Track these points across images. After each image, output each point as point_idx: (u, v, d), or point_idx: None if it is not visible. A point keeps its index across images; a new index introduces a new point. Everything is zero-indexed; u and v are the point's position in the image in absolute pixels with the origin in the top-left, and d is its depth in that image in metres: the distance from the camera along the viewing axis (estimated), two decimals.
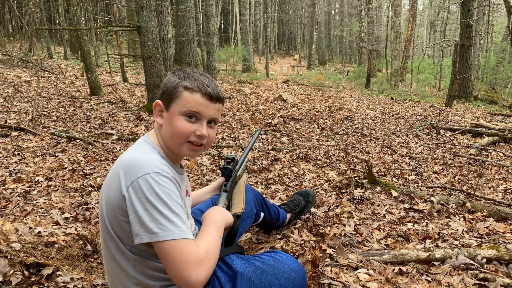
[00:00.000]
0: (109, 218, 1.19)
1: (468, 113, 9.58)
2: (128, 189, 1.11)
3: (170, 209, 1.10)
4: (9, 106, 6.30)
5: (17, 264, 1.85)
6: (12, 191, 2.98)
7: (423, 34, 42.20)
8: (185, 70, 1.30)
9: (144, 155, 1.19)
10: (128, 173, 1.12)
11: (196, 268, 1.09)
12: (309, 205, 2.58)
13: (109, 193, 1.18)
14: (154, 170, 1.12)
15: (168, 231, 1.08)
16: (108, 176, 1.24)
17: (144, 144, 1.27)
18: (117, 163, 1.21)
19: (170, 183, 1.14)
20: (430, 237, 2.39)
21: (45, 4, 21.57)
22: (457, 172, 4.15)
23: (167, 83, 1.30)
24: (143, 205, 1.09)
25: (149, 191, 1.09)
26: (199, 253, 1.12)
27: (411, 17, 21.36)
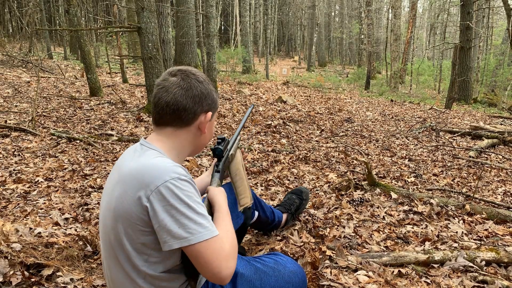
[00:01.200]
0: (124, 231, 1.15)
1: (467, 115, 9.59)
2: (149, 199, 1.08)
3: (196, 212, 1.10)
4: (9, 107, 6.30)
5: (17, 265, 1.85)
6: (12, 192, 2.98)
7: (422, 36, 42.27)
8: (200, 74, 1.31)
9: (157, 161, 1.15)
10: (145, 183, 1.10)
11: (227, 262, 1.13)
12: (304, 202, 2.60)
13: (123, 206, 1.13)
14: (172, 175, 1.10)
15: (197, 233, 1.09)
16: (115, 188, 1.18)
17: (149, 151, 1.21)
18: (125, 174, 1.16)
19: (189, 185, 1.13)
20: (429, 239, 2.39)
21: (45, 5, 21.58)
22: (457, 174, 4.16)
23: (214, 95, 1.32)
24: (168, 212, 1.08)
25: (173, 198, 1.08)
26: (226, 248, 1.16)
27: (411, 19, 21.39)
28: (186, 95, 1.24)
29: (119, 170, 1.21)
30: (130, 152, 1.26)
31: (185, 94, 1.24)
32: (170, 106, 1.22)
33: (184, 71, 1.28)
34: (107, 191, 1.25)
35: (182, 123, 1.26)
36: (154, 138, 1.28)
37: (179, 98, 1.23)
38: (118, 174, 1.21)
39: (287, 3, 43.78)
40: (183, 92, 1.24)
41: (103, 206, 1.25)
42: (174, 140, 1.28)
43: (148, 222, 1.11)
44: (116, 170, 1.25)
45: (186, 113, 1.25)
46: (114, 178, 1.22)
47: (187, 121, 1.26)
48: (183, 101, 1.23)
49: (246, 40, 21.16)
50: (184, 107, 1.24)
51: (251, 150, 4.73)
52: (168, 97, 1.23)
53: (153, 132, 1.31)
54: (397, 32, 20.82)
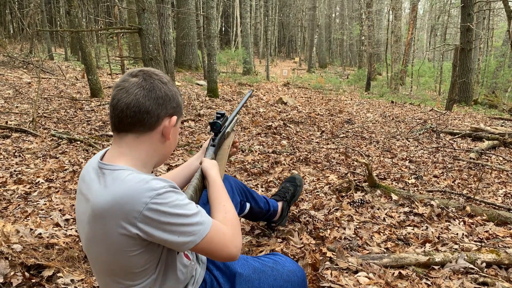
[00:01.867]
0: (116, 261, 1.11)
1: (468, 117, 9.59)
2: (137, 226, 1.03)
3: (187, 216, 1.07)
4: (10, 108, 6.31)
5: (18, 266, 1.85)
6: (13, 193, 2.99)
7: (423, 38, 42.27)
8: (163, 75, 1.22)
9: (129, 185, 1.04)
10: (126, 213, 1.02)
11: (232, 243, 1.17)
12: (298, 189, 2.60)
13: (110, 241, 1.07)
14: (151, 195, 1.02)
15: (198, 232, 1.09)
16: (93, 225, 1.09)
17: (114, 173, 1.09)
18: (100, 210, 1.05)
19: (170, 193, 1.06)
20: (430, 241, 2.39)
21: (46, 6, 21.62)
22: (457, 176, 4.16)
23: (179, 98, 1.23)
24: (162, 229, 1.04)
25: (161, 216, 1.03)
26: (228, 231, 1.18)
27: (412, 20, 21.42)
28: (149, 96, 1.12)
29: (90, 204, 1.09)
30: (93, 177, 1.14)
31: (148, 95, 1.12)
32: (131, 108, 1.10)
33: (146, 72, 1.17)
34: (83, 224, 1.16)
35: (144, 128, 1.14)
36: (115, 153, 1.16)
37: (141, 99, 1.11)
38: (90, 208, 1.09)
39: (288, 4, 43.82)
40: (146, 93, 1.12)
41: (85, 238, 1.17)
42: (137, 150, 1.16)
43: (140, 244, 1.07)
44: (85, 201, 1.14)
45: (149, 116, 1.13)
46: (86, 211, 1.12)
47: (150, 125, 1.15)
48: (145, 102, 1.11)
49: (246, 41, 21.17)
50: (147, 109, 1.12)
51: (252, 151, 4.73)
52: (128, 98, 1.10)
53: (113, 144, 1.18)
54: (397, 33, 20.83)
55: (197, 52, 17.08)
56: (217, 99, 9.38)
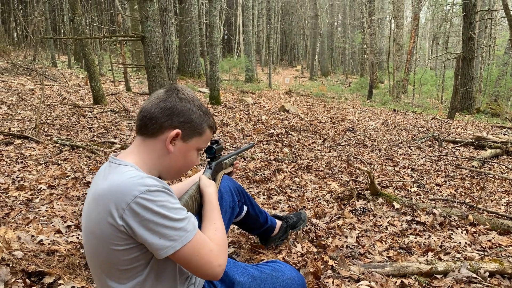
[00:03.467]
0: (106, 253, 1.14)
1: (470, 125, 9.58)
2: (123, 218, 1.06)
3: (173, 219, 1.09)
4: (13, 114, 6.34)
5: (19, 272, 1.85)
6: (15, 199, 2.99)
7: (425, 46, 42.37)
8: (200, 104, 1.30)
9: (125, 177, 1.10)
10: (116, 202, 1.07)
11: (217, 261, 1.16)
12: (301, 222, 2.54)
13: (100, 229, 1.11)
14: (141, 189, 1.06)
15: (179, 239, 1.09)
16: (90, 211, 1.15)
17: (119, 167, 1.17)
18: (97, 195, 1.12)
19: (161, 194, 1.09)
20: (432, 250, 2.38)
21: (51, 14, 21.81)
22: (460, 184, 4.14)
23: (193, 117, 1.27)
24: (145, 227, 1.06)
25: (146, 212, 1.06)
26: (215, 248, 1.18)
27: (413, 29, 21.48)
28: (158, 105, 1.22)
29: (92, 191, 1.18)
30: (101, 171, 1.23)
31: (158, 104, 1.22)
32: (142, 112, 1.23)
33: (175, 87, 1.27)
34: (84, 213, 1.22)
35: (147, 133, 1.23)
36: (128, 151, 1.25)
37: (150, 106, 1.22)
38: (92, 195, 1.17)
39: (290, 13, 44.06)
40: (157, 102, 1.23)
41: (83, 229, 1.22)
42: (142, 152, 1.24)
43: (127, 239, 1.09)
44: (90, 191, 1.22)
45: (151, 122, 1.21)
46: (88, 199, 1.19)
47: (153, 132, 1.22)
48: (152, 109, 1.21)
49: (249, 49, 21.27)
50: (151, 115, 1.21)
51: (254, 158, 4.73)
52: (145, 104, 1.25)
53: (131, 144, 1.30)
54: (399, 42, 20.89)
55: (199, 60, 17.16)
56: (219, 107, 9.40)
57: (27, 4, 24.48)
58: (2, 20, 19.73)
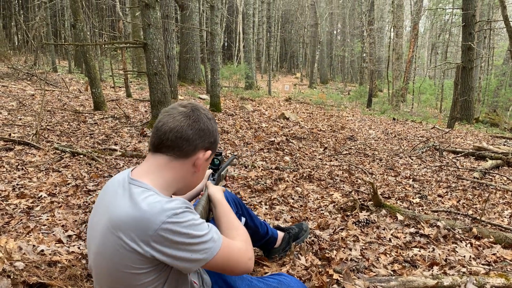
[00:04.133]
0: (124, 278, 1.13)
1: (470, 135, 9.59)
2: (150, 245, 1.06)
3: (200, 235, 1.11)
4: (13, 120, 6.32)
5: (20, 284, 1.82)
6: (15, 207, 2.96)
7: (424, 56, 42.59)
8: (209, 112, 1.32)
9: (148, 202, 1.08)
10: (142, 230, 1.05)
11: (247, 256, 1.24)
12: (303, 233, 2.52)
13: (120, 255, 1.09)
14: (168, 214, 1.06)
15: (210, 250, 1.13)
16: (107, 235, 1.11)
17: (137, 189, 1.14)
18: (118, 221, 1.09)
19: (186, 213, 1.10)
20: (437, 264, 2.36)
21: (52, 19, 21.85)
22: (462, 195, 4.13)
23: (217, 136, 1.31)
24: (176, 248, 1.08)
25: (175, 236, 1.07)
26: (241, 245, 1.25)
27: (413, 38, 21.60)
28: (192, 126, 1.21)
29: (108, 215, 1.13)
30: (117, 190, 1.18)
31: (191, 125, 1.21)
32: (174, 132, 1.19)
33: (195, 105, 1.28)
34: (95, 236, 1.18)
35: (180, 154, 1.21)
36: (144, 170, 1.22)
37: (184, 127, 1.20)
38: (107, 219, 1.13)
39: (290, 21, 44.28)
40: (190, 122, 1.21)
41: (94, 253, 1.18)
42: (166, 172, 1.21)
43: (147, 263, 1.09)
44: (103, 213, 1.17)
45: (187, 144, 1.21)
46: (103, 223, 1.14)
47: (186, 153, 1.22)
48: (188, 131, 1.20)
49: (249, 56, 21.34)
50: (188, 137, 1.20)
51: (255, 167, 4.72)
52: (173, 123, 1.20)
53: (146, 160, 1.24)
54: (398, 51, 20.98)
55: (200, 67, 17.19)
56: (219, 114, 9.40)
57: (28, 9, 24.54)
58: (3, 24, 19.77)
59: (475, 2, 13.60)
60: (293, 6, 38.74)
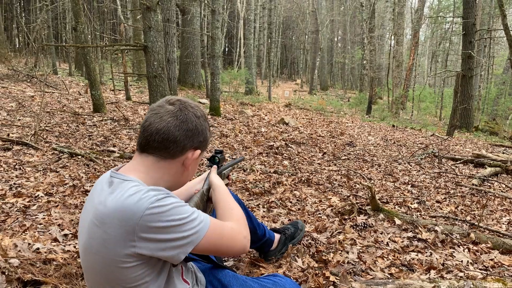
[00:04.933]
0: (113, 272, 1.11)
1: (469, 143, 9.60)
2: (136, 233, 1.04)
3: (185, 217, 1.09)
4: (12, 120, 6.31)
5: (15, 281, 1.81)
6: (12, 206, 2.95)
7: (424, 64, 42.75)
8: (198, 109, 1.27)
9: (131, 192, 1.08)
10: (127, 219, 1.04)
11: (241, 234, 1.23)
12: (299, 232, 2.52)
13: (107, 248, 1.08)
14: (150, 200, 1.05)
15: (197, 230, 1.11)
16: (93, 230, 1.11)
17: (124, 183, 1.13)
18: (102, 214, 1.08)
19: (168, 198, 1.09)
20: (434, 268, 2.35)
21: (53, 21, 21.94)
22: (460, 202, 4.12)
23: (207, 134, 1.28)
24: (163, 232, 1.06)
25: (160, 221, 1.05)
26: (234, 225, 1.23)
27: (413, 46, 21.69)
28: (180, 127, 1.18)
29: (94, 209, 1.13)
30: (103, 186, 1.17)
31: (179, 126, 1.18)
32: (160, 134, 1.16)
33: (183, 102, 1.23)
34: (83, 231, 1.17)
35: (167, 155, 1.19)
36: (130, 168, 1.21)
37: (171, 128, 1.16)
38: (93, 214, 1.12)
39: (291, 27, 44.48)
40: (178, 123, 1.18)
41: (83, 248, 1.17)
42: (153, 172, 1.20)
43: (138, 256, 1.07)
44: (90, 208, 1.17)
45: (175, 146, 1.18)
46: (89, 218, 1.14)
47: (173, 154, 1.20)
48: (176, 132, 1.17)
49: (249, 62, 21.40)
50: (175, 138, 1.17)
51: (253, 170, 4.71)
52: (160, 124, 1.16)
53: (133, 159, 1.23)
54: (399, 58, 21.09)
55: (200, 71, 17.23)
56: (219, 118, 9.40)
57: (30, 12, 24.64)
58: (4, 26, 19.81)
59: (475, 11, 13.68)
60: (294, 13, 38.92)
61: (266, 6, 26.07)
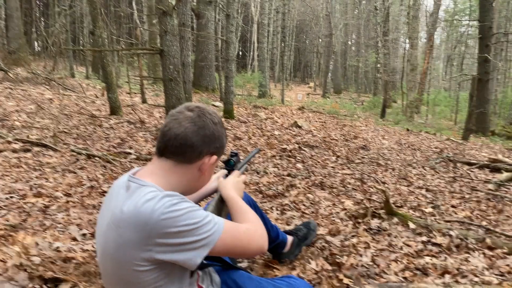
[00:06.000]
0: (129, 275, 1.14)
1: (485, 147, 9.47)
2: (152, 238, 1.07)
3: (199, 221, 1.11)
4: (32, 122, 6.46)
5: (36, 278, 1.87)
6: (32, 205, 3.03)
7: (439, 67, 42.29)
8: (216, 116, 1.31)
9: (147, 198, 1.10)
10: (142, 224, 1.07)
11: (257, 234, 1.25)
12: (311, 232, 2.54)
13: (123, 252, 1.11)
14: (166, 205, 1.08)
15: (212, 232, 1.13)
16: (109, 233, 1.14)
17: (141, 188, 1.16)
18: (119, 218, 1.11)
19: (183, 203, 1.12)
20: (449, 272, 2.34)
21: (71, 26, 22.34)
22: (475, 206, 4.08)
23: (224, 140, 1.31)
24: (178, 236, 1.08)
25: (175, 226, 1.08)
26: (249, 227, 1.25)
27: (428, 50, 21.49)
28: (197, 133, 1.22)
29: (111, 213, 1.16)
30: (120, 190, 1.21)
31: (197, 131, 1.22)
32: (178, 139, 1.20)
33: (202, 109, 1.27)
34: (100, 234, 1.21)
35: (184, 160, 1.23)
36: (148, 172, 1.24)
37: (189, 134, 1.20)
38: (109, 217, 1.16)
39: (305, 31, 44.48)
40: (195, 129, 1.22)
41: (100, 251, 1.21)
42: (171, 176, 1.23)
43: (153, 260, 1.10)
44: (107, 211, 1.20)
45: (192, 150, 1.22)
46: (106, 221, 1.17)
47: (190, 159, 1.24)
48: (193, 137, 1.21)
49: (263, 65, 21.46)
50: (192, 143, 1.21)
51: (267, 173, 4.74)
52: (179, 129, 1.21)
53: (151, 163, 1.27)
54: (413, 62, 20.88)
55: (214, 75, 17.34)
56: (232, 121, 9.46)
57: (49, 16, 25.14)
58: (24, 31, 20.25)
59: (492, 14, 13.50)
60: (308, 16, 38.89)
61: (280, 10, 26.16)
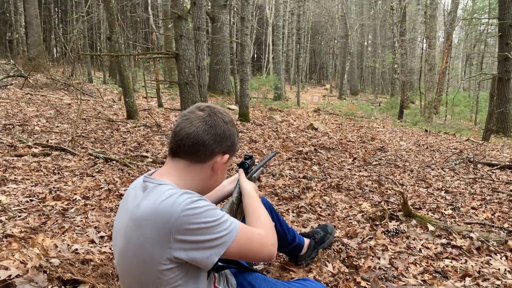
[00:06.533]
0: (150, 274, 1.15)
1: (507, 148, 9.24)
2: (173, 236, 1.09)
3: (217, 219, 1.13)
4: (51, 127, 6.59)
5: (55, 280, 1.90)
6: (51, 208, 3.09)
7: (458, 67, 41.55)
8: (227, 115, 1.32)
9: (166, 195, 1.12)
10: (163, 222, 1.08)
11: (269, 241, 1.25)
12: (329, 236, 2.51)
13: (145, 250, 1.12)
14: (186, 202, 1.10)
15: (228, 232, 1.14)
16: (129, 233, 1.15)
17: (158, 187, 1.18)
18: (139, 217, 1.12)
19: (201, 201, 1.13)
20: (470, 275, 2.28)
21: (89, 32, 22.77)
22: (497, 208, 3.98)
23: (236, 139, 1.32)
24: (198, 233, 1.10)
25: (195, 223, 1.09)
26: (262, 231, 1.25)
27: (446, 49, 21.14)
28: (209, 132, 1.23)
29: (129, 214, 1.17)
30: (137, 192, 1.22)
31: (208, 130, 1.23)
32: (190, 138, 1.22)
33: (213, 109, 1.29)
34: (118, 236, 1.22)
35: (197, 159, 1.25)
36: (164, 172, 1.26)
37: (200, 133, 1.22)
38: (128, 218, 1.17)
39: (320, 32, 44.30)
40: (206, 128, 1.24)
41: (119, 253, 1.22)
42: (185, 175, 1.25)
43: (173, 259, 1.11)
44: (124, 213, 1.21)
45: (204, 149, 1.24)
46: (125, 223, 1.18)
47: (203, 158, 1.25)
48: (204, 136, 1.22)
49: (278, 68, 21.46)
50: (204, 143, 1.23)
51: (282, 175, 4.72)
52: (190, 129, 1.22)
53: (165, 164, 1.29)
54: (431, 62, 20.55)
55: (229, 78, 17.42)
56: (248, 124, 9.47)
57: (67, 23, 25.67)
58: (43, 37, 20.72)
59: None
60: (323, 18, 38.76)
61: (294, 12, 26.11)
